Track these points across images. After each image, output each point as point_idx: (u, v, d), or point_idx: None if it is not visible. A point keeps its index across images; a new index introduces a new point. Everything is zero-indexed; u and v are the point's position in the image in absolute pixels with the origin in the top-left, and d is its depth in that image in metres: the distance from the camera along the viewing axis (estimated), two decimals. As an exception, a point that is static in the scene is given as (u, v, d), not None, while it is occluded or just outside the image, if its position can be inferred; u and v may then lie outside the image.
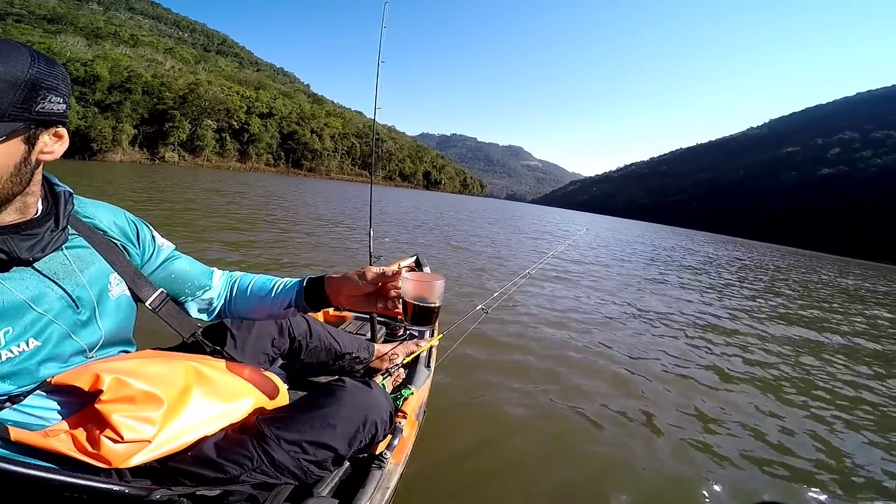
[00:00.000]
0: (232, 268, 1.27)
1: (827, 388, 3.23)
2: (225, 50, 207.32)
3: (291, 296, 1.03)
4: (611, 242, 16.27)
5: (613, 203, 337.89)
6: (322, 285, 1.00)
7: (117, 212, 0.92)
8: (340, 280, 0.98)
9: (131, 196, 10.35)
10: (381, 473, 1.05)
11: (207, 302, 1.04)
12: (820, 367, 3.79)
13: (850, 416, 2.75)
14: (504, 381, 2.56)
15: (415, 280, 0.92)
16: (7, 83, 0.57)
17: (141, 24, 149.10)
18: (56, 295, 0.72)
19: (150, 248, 0.96)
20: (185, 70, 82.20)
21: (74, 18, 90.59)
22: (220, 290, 1.07)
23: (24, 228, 0.67)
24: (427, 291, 0.92)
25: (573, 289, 5.82)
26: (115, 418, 0.68)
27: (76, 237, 0.80)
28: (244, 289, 1.07)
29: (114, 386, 0.70)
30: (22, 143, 0.62)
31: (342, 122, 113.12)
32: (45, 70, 0.62)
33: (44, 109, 0.63)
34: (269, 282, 1.07)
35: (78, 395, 0.70)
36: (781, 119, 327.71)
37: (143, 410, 0.72)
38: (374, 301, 0.96)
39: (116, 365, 0.74)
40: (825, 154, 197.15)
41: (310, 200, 16.52)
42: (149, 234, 0.96)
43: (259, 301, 1.05)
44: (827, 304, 8.26)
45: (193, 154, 67.72)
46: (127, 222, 0.93)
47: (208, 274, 1.06)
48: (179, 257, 1.02)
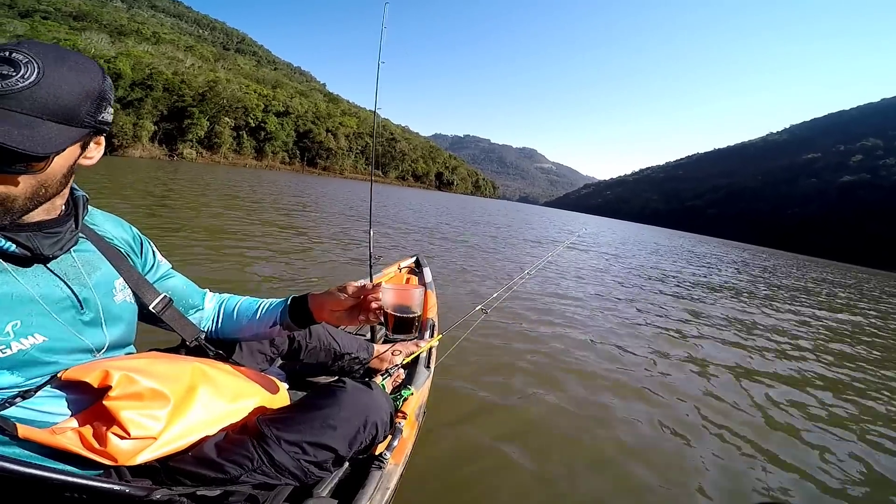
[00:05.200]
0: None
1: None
2: (244, 48, 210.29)
3: (276, 315, 1.08)
4: (614, 242, 16.12)
5: (627, 207, 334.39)
6: (306, 303, 1.05)
7: (123, 224, 0.96)
8: (323, 296, 1.03)
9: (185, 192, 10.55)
10: (380, 474, 1.05)
11: (196, 321, 1.07)
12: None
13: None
14: (503, 381, 2.58)
15: (394, 290, 0.96)
16: (86, 94, 0.63)
17: (163, 22, 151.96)
18: (63, 294, 0.74)
19: (151, 262, 0.99)
20: (204, 68, 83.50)
21: (99, 16, 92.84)
22: (210, 312, 1.11)
23: (46, 227, 0.70)
24: (406, 301, 0.95)
25: (574, 289, 5.81)
26: (124, 415, 0.69)
27: (84, 241, 0.82)
28: (230, 311, 1.12)
29: (123, 382, 0.70)
30: (79, 148, 0.67)
31: (357, 121, 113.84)
32: (109, 83, 0.68)
33: (103, 119, 0.68)
34: (255, 303, 1.12)
35: (86, 390, 0.70)
36: (802, 124, 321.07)
37: (150, 408, 0.73)
38: (356, 314, 1.00)
39: (125, 363, 0.76)
40: (847, 161, 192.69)
41: (336, 197, 16.66)
42: (150, 248, 1.00)
43: (245, 322, 1.10)
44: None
45: (211, 151, 68.86)
46: (131, 235, 0.96)
47: (201, 295, 1.10)
48: (175, 276, 1.06)
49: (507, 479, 1.73)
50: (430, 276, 2.97)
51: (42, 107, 0.58)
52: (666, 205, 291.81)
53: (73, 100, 0.61)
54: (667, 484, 1.87)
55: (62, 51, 0.63)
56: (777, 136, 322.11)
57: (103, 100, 0.67)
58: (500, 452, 1.89)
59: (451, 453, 1.82)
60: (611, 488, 1.78)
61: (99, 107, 0.66)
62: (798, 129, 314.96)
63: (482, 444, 1.93)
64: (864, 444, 2.54)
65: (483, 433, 2.01)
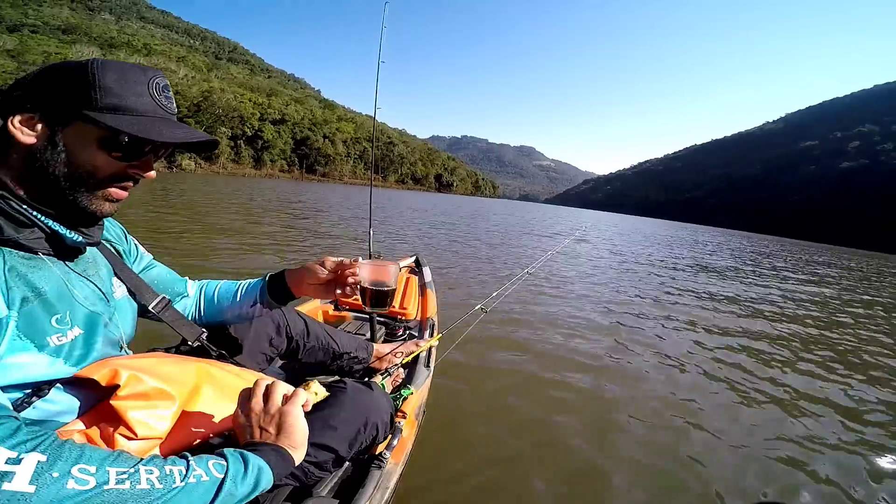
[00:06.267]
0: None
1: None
2: (236, 57, 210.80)
3: (255, 293, 1.10)
4: (612, 237, 16.11)
5: (628, 201, 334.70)
6: (283, 279, 1.07)
7: (111, 220, 0.96)
8: (300, 271, 1.05)
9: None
10: (380, 473, 1.05)
11: (182, 308, 1.09)
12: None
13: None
14: (503, 379, 2.58)
15: (370, 266, 0.99)
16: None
17: (153, 33, 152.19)
18: (89, 289, 0.76)
19: (135, 254, 1.01)
20: (198, 78, 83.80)
21: (88, 28, 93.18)
22: (192, 299, 1.13)
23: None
24: (382, 275, 0.99)
25: (573, 285, 5.80)
26: (131, 415, 0.69)
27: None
28: (211, 296, 1.13)
29: (131, 382, 0.71)
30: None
31: (354, 126, 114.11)
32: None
33: None
34: (234, 285, 1.14)
35: (94, 388, 0.71)
36: (797, 112, 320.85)
37: (156, 407, 0.73)
38: (333, 288, 1.03)
39: (132, 362, 0.77)
40: (845, 147, 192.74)
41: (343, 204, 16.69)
42: (133, 241, 1.02)
43: (227, 304, 1.12)
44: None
45: (209, 161, 68.98)
46: (118, 228, 0.98)
47: (183, 283, 1.11)
48: (157, 265, 1.07)
49: (508, 478, 1.73)
50: (429, 275, 2.97)
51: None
52: (666, 196, 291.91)
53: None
54: (682, 480, 1.86)
55: None
56: (773, 124, 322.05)
57: None
58: (501, 452, 1.89)
59: (450, 452, 1.82)
60: (612, 487, 1.77)
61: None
62: (793, 117, 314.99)
63: (482, 443, 1.93)
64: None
65: (483, 432, 2.01)
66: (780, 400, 2.80)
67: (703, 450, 2.10)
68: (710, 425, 2.33)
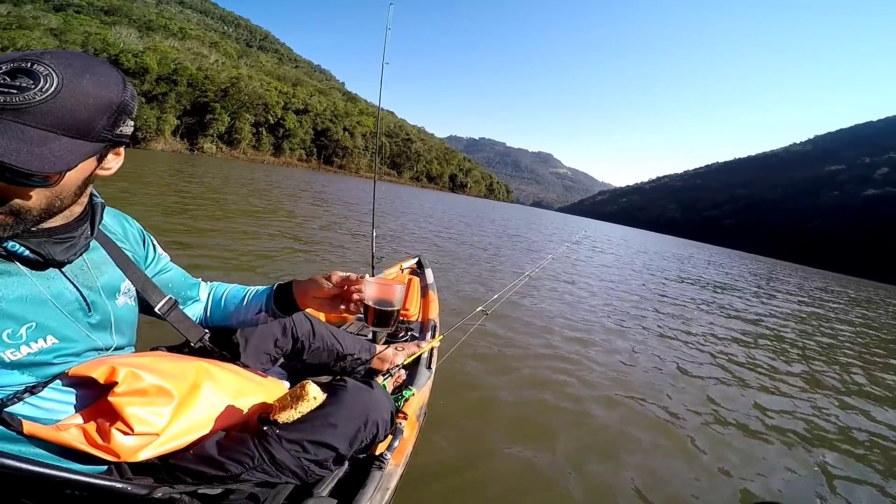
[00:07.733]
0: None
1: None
2: (266, 46, 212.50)
3: (262, 301, 1.10)
4: (615, 244, 15.96)
5: (643, 215, 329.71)
6: (290, 290, 1.07)
7: (127, 219, 0.97)
8: (307, 283, 1.05)
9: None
10: (381, 474, 1.06)
11: (193, 312, 1.10)
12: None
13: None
14: (504, 382, 2.61)
15: (376, 284, 0.98)
16: (104, 107, 0.61)
17: (189, 18, 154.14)
18: (73, 297, 0.74)
19: (153, 256, 1.01)
20: (227, 64, 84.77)
21: (129, 10, 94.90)
22: (204, 302, 1.14)
23: (57, 232, 0.69)
24: (387, 295, 0.98)
25: (574, 290, 5.83)
26: (128, 411, 0.69)
27: (94, 243, 0.82)
28: (219, 299, 1.15)
29: (128, 379, 0.70)
30: (94, 161, 0.66)
31: (374, 120, 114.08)
32: (130, 95, 0.65)
33: (121, 132, 0.66)
34: (242, 290, 1.15)
35: (92, 386, 0.70)
36: (827, 135, 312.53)
37: (154, 404, 0.73)
38: (338, 304, 1.01)
39: (131, 360, 0.76)
40: (872, 174, 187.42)
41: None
42: (151, 243, 1.02)
43: (233, 309, 1.13)
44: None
45: (231, 146, 69.84)
46: (136, 230, 0.98)
47: (196, 286, 1.13)
48: (173, 268, 1.08)
49: (509, 479, 1.76)
50: (431, 277, 3.00)
51: (58, 121, 0.56)
52: (682, 214, 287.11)
53: (90, 114, 0.59)
54: (681, 482, 1.91)
55: (86, 61, 0.61)
56: (800, 146, 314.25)
57: (122, 112, 0.64)
58: (502, 453, 1.92)
59: (451, 453, 1.84)
60: (613, 488, 1.80)
61: (117, 120, 0.64)
62: (822, 139, 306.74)
63: (484, 444, 1.96)
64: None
65: (484, 434, 2.04)
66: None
67: (712, 458, 2.13)
68: (713, 429, 2.36)
